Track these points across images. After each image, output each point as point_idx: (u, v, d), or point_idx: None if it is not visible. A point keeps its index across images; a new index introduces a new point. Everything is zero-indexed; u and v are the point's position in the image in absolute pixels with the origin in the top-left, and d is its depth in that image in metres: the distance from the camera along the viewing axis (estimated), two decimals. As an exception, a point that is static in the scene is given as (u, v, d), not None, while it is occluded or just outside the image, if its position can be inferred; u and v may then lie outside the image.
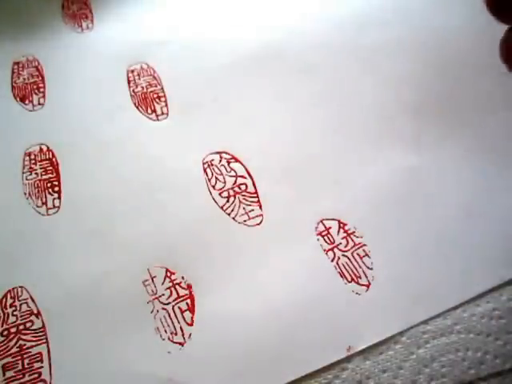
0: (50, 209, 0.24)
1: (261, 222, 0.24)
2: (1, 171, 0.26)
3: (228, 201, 0.25)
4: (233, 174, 0.26)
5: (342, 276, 0.22)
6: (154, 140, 0.27)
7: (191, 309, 0.21)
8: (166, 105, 0.29)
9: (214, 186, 0.25)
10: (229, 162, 0.26)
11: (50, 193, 0.25)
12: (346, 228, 0.23)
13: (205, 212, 0.24)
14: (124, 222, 0.24)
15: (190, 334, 0.21)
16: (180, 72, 0.30)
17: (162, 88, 0.29)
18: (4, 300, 0.22)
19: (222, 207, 0.24)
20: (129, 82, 0.30)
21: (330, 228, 0.23)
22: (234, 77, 0.30)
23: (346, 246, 0.23)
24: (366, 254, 0.23)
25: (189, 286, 0.22)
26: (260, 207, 0.24)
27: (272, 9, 0.33)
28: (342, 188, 0.25)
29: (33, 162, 0.26)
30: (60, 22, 0.33)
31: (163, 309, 0.21)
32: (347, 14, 0.32)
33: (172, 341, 0.21)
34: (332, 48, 0.31)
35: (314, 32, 0.32)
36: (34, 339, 0.21)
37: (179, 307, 0.21)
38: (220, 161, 0.26)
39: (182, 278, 0.22)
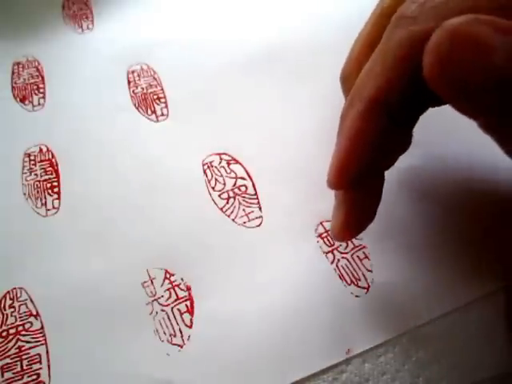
0: (50, 210, 0.24)
1: (260, 224, 0.24)
2: (0, 172, 0.26)
3: (228, 202, 0.24)
4: (233, 175, 0.25)
5: (341, 278, 0.22)
6: (153, 141, 0.27)
7: (190, 311, 0.21)
8: (166, 106, 0.29)
9: (213, 188, 0.25)
10: (229, 164, 0.26)
11: (49, 194, 0.25)
12: (346, 230, 0.23)
13: (204, 213, 0.24)
14: (123, 223, 0.24)
15: (189, 336, 0.21)
16: (180, 73, 0.30)
17: (162, 89, 0.29)
18: (3, 301, 0.22)
19: (221, 209, 0.24)
20: (129, 82, 0.30)
21: (329, 230, 0.23)
22: (234, 78, 0.30)
23: (345, 248, 0.23)
24: (366, 256, 0.23)
25: (188, 288, 0.22)
26: (260, 209, 0.24)
27: (272, 10, 0.33)
28: (342, 190, 0.25)
29: (32, 162, 0.26)
30: (60, 22, 0.33)
31: (162, 310, 0.21)
32: (348, 14, 0.32)
33: (171, 343, 0.20)
34: (332, 49, 0.30)
35: (314, 33, 0.32)
36: (33, 340, 0.21)
37: (178, 309, 0.21)
38: (220, 162, 0.26)
39: (182, 279, 0.22)
